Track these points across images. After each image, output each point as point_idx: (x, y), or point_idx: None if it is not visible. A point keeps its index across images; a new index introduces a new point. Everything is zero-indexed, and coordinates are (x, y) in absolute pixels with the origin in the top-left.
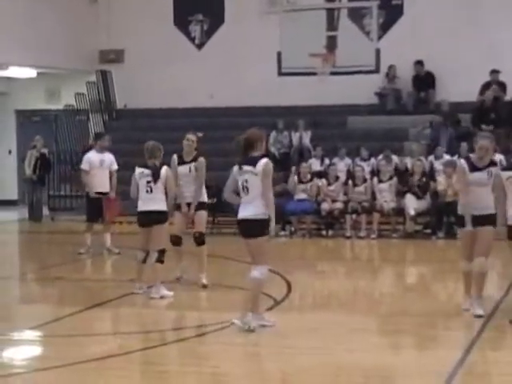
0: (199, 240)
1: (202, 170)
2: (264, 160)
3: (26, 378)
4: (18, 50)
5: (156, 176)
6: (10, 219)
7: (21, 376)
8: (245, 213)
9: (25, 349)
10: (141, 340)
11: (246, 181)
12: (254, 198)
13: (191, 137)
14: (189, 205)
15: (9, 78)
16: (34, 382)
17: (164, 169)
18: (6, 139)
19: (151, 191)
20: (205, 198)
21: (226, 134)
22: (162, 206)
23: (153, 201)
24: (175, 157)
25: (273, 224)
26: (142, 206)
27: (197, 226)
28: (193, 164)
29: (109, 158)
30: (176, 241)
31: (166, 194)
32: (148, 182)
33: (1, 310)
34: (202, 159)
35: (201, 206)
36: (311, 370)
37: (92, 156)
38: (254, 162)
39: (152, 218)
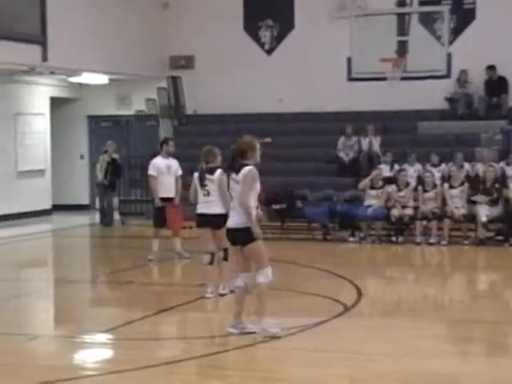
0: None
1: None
2: (247, 168)
3: (97, 381)
4: (91, 56)
5: (202, 179)
6: (81, 224)
7: (92, 378)
8: (231, 222)
9: (95, 352)
10: (208, 345)
11: (232, 189)
12: (237, 206)
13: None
14: None
15: (81, 84)
16: None
17: (218, 172)
18: (78, 144)
19: (208, 194)
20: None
21: (295, 140)
22: (216, 209)
23: (209, 204)
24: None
25: (256, 230)
26: (199, 209)
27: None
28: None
29: (174, 163)
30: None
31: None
32: (204, 186)
33: (72, 312)
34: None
35: None
36: (380, 376)
37: (159, 162)
38: (239, 169)
39: (209, 221)
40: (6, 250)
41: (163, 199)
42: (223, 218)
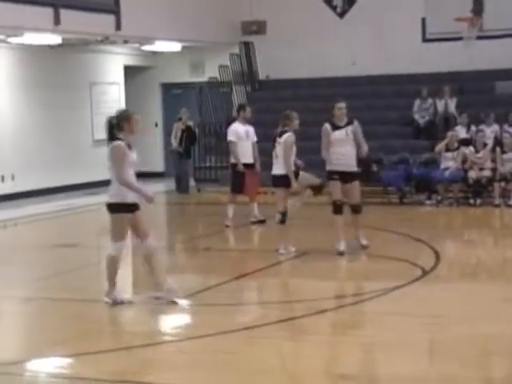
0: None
1: (358, 134)
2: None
3: (179, 346)
4: (164, 24)
5: (274, 141)
6: (157, 191)
7: (174, 344)
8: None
9: (175, 317)
10: (287, 309)
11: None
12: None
13: (342, 105)
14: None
15: (154, 53)
16: (186, 350)
17: (285, 135)
18: (152, 112)
19: (276, 156)
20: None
21: (370, 103)
22: (279, 170)
23: (275, 166)
24: (327, 125)
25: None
26: (272, 170)
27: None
28: (349, 128)
29: (251, 129)
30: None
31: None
32: (274, 148)
33: (147, 278)
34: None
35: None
36: (463, 338)
37: (238, 128)
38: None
39: (275, 182)
40: (85, 218)
41: (243, 165)
42: (282, 178)
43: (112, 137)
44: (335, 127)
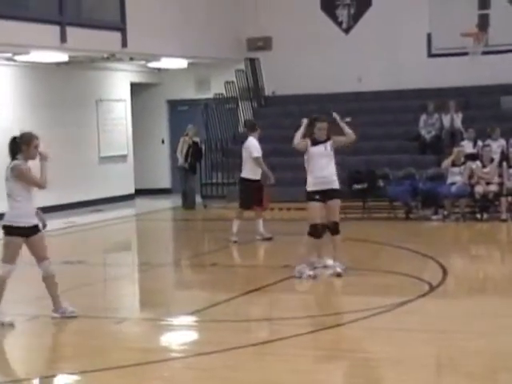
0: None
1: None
2: None
3: (187, 362)
4: (170, 41)
5: None
6: (163, 207)
7: (181, 360)
8: None
9: (183, 334)
10: (295, 325)
11: None
12: None
13: (324, 125)
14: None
15: (160, 69)
16: (195, 366)
17: None
18: (158, 129)
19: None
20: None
21: (376, 119)
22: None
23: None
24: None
25: None
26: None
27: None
28: (328, 143)
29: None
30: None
31: None
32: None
33: (158, 295)
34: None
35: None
36: (472, 354)
37: (256, 143)
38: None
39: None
40: (91, 235)
41: (255, 181)
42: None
43: (13, 156)
44: (314, 143)
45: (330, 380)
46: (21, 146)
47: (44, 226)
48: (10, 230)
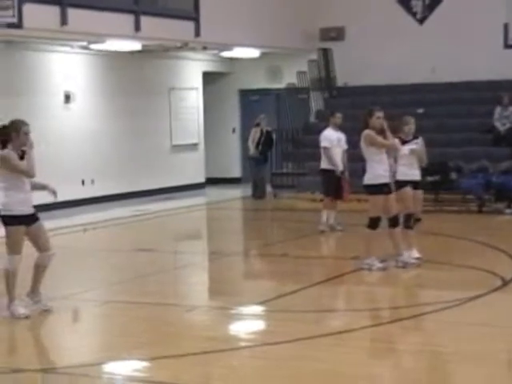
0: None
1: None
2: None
3: (256, 351)
4: (242, 30)
5: None
6: (234, 197)
7: (250, 349)
8: None
9: (252, 323)
10: (365, 318)
11: None
12: None
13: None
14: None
15: (233, 59)
16: (263, 356)
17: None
18: (230, 118)
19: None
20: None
21: (449, 110)
22: None
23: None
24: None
25: None
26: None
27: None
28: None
29: (343, 136)
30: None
31: None
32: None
33: (228, 284)
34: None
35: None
36: None
37: (330, 134)
38: None
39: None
40: (162, 223)
41: (334, 171)
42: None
43: (3, 146)
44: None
45: (397, 374)
46: (10, 133)
47: (54, 193)
48: (5, 220)
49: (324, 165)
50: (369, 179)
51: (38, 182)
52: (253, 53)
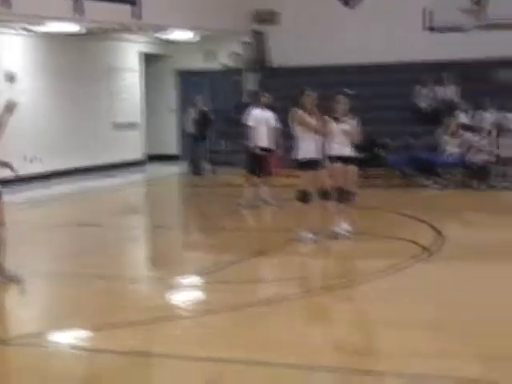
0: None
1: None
2: None
3: (197, 321)
4: (179, 13)
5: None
6: (173, 173)
7: (192, 319)
8: None
9: (193, 294)
10: (297, 287)
11: None
12: None
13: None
14: None
15: (170, 41)
16: (204, 325)
17: None
18: (167, 97)
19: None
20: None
21: (376, 91)
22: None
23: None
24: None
25: None
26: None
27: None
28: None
29: (271, 115)
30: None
31: None
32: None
33: (169, 257)
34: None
35: None
36: (462, 315)
37: (256, 113)
38: None
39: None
40: (104, 199)
41: (261, 149)
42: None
43: None
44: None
45: (327, 339)
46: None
47: (11, 168)
48: None
49: (249, 142)
50: (299, 155)
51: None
52: (189, 35)
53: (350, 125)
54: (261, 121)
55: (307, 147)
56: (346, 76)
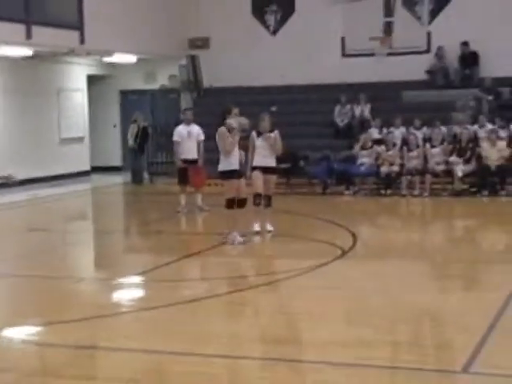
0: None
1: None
2: None
3: (135, 316)
4: (121, 38)
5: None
6: (115, 182)
7: (130, 314)
8: None
9: (132, 291)
10: (227, 285)
11: None
12: None
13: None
14: None
15: (113, 63)
16: (142, 320)
17: None
18: (111, 115)
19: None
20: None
21: (298, 108)
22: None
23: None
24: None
25: None
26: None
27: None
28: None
29: (196, 129)
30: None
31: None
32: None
33: (111, 258)
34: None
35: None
36: (375, 308)
37: (181, 129)
38: None
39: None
40: (52, 207)
41: (185, 161)
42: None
43: None
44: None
45: (257, 331)
46: None
47: None
48: None
49: (175, 156)
50: (222, 167)
51: None
52: (130, 58)
53: (271, 138)
54: (183, 135)
55: (228, 160)
56: (270, 95)
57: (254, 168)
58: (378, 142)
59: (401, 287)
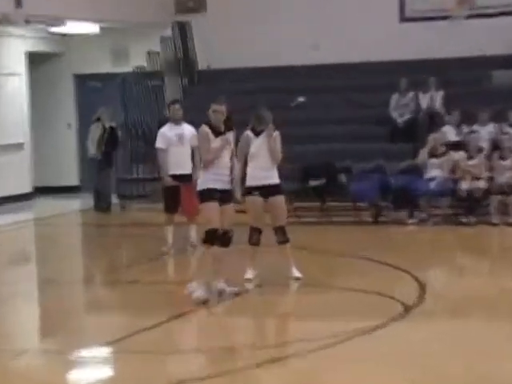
0: None
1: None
2: None
3: None
4: (77, 1)
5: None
6: (71, 209)
7: None
8: None
9: (94, 369)
10: (232, 358)
11: None
12: None
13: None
14: None
15: (65, 36)
16: None
17: None
18: (63, 111)
19: None
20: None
21: (335, 98)
22: None
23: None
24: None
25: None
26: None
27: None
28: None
29: (188, 131)
30: None
31: None
32: None
33: (65, 321)
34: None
35: None
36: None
37: (166, 131)
38: None
39: None
40: None
41: (175, 177)
42: None
43: None
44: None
45: None
46: None
47: None
48: None
49: (159, 170)
50: (200, 184)
51: None
52: (91, 28)
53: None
54: (171, 140)
55: (208, 174)
56: (293, 80)
57: (250, 188)
58: (456, 146)
59: (489, 359)
